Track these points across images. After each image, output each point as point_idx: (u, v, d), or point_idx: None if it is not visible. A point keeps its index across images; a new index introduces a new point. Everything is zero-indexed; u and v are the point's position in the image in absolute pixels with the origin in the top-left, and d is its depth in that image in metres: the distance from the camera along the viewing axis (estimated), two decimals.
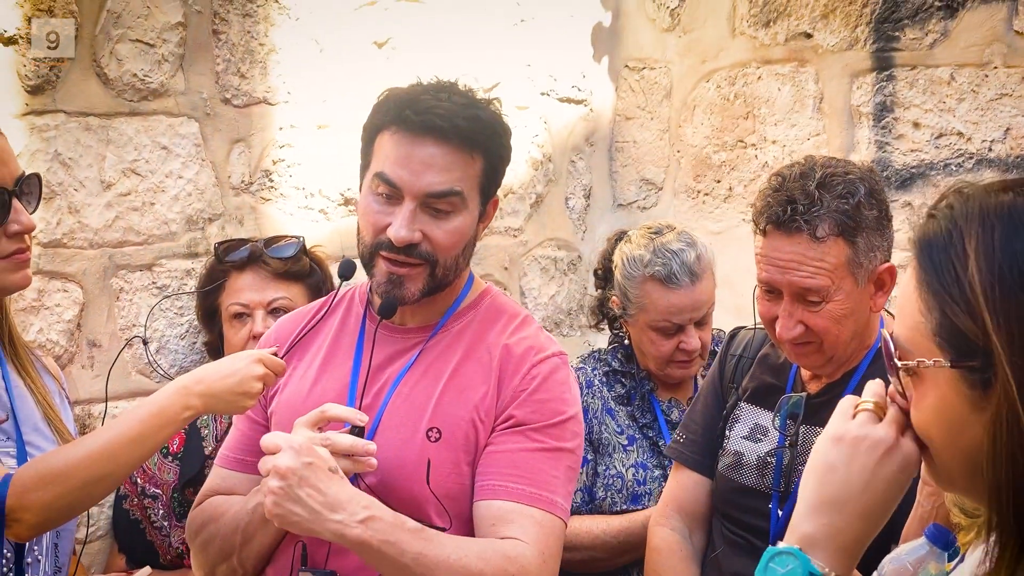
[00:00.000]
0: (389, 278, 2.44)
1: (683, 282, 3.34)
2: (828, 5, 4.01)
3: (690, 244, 3.39)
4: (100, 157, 3.46)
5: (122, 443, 2.36)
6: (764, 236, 2.65)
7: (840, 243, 2.57)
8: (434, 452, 2.41)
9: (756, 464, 2.78)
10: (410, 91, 2.48)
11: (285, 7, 3.81)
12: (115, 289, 3.53)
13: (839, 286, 2.58)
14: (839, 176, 2.60)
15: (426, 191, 2.39)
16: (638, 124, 4.74)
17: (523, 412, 2.43)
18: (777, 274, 2.61)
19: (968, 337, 1.31)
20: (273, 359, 2.46)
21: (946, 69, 3.73)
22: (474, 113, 2.44)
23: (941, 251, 1.35)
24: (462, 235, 2.47)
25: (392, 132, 2.42)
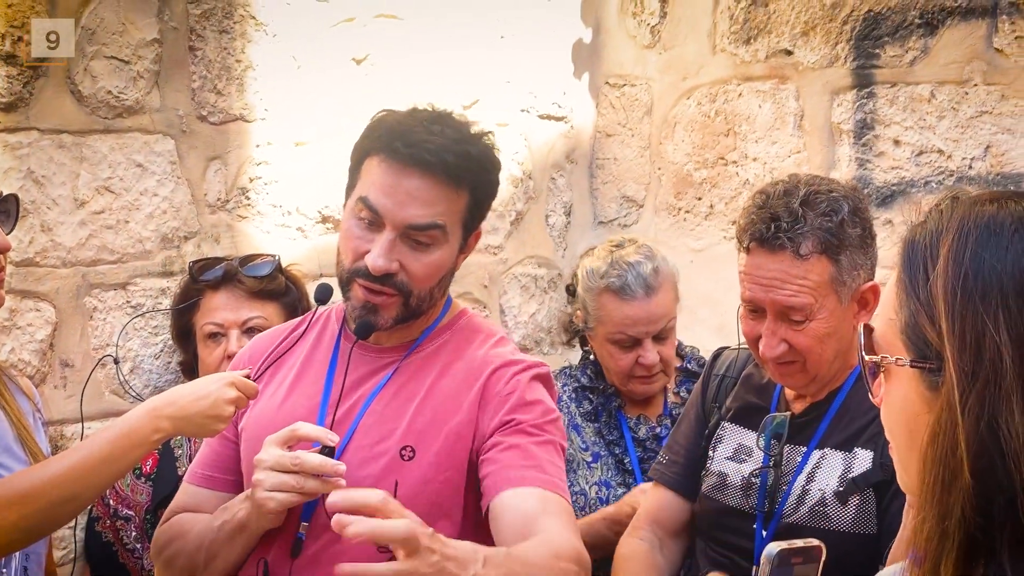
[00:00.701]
0: (364, 305, 2.44)
1: (637, 294, 3.34)
2: (808, 22, 4.00)
3: (648, 257, 3.38)
4: (74, 175, 3.42)
5: (90, 465, 2.34)
6: (747, 254, 2.63)
7: (823, 261, 2.55)
8: (405, 471, 2.39)
9: (740, 485, 2.76)
10: (404, 119, 2.46)
11: (262, 24, 3.78)
12: (88, 308, 3.49)
13: (822, 304, 2.57)
14: (823, 194, 2.58)
15: (407, 223, 2.38)
16: (619, 141, 4.72)
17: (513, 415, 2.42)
18: (760, 292, 2.60)
19: (927, 337, 1.32)
20: (246, 382, 2.44)
21: (926, 86, 3.72)
22: (464, 149, 2.42)
23: (920, 251, 1.36)
24: (440, 268, 2.46)
25: (381, 159, 2.41)
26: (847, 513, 2.56)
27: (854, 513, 2.56)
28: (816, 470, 2.64)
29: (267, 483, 2.30)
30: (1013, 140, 3.52)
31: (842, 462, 2.61)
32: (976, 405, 1.25)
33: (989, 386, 1.25)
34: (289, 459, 2.29)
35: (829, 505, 2.58)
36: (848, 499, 2.56)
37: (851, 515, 2.56)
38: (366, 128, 2.49)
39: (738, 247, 2.68)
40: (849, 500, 2.56)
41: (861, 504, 2.55)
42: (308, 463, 2.29)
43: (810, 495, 2.62)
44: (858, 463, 2.59)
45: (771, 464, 2.70)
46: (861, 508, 2.55)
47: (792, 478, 2.66)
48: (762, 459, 2.73)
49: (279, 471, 2.30)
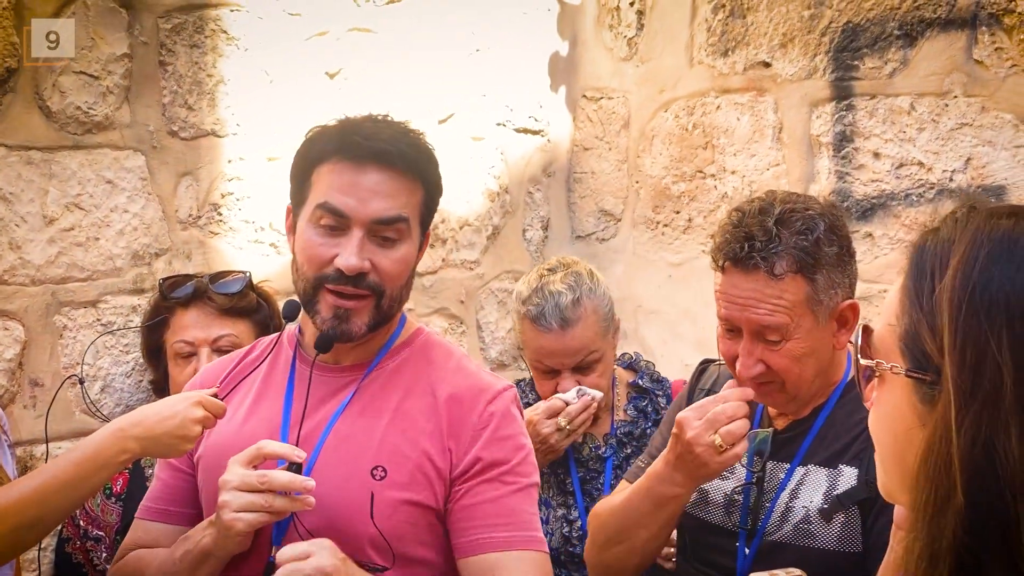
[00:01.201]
0: (335, 312, 2.38)
1: (552, 327, 3.27)
2: (787, 34, 3.98)
3: (572, 287, 3.30)
4: (43, 192, 3.37)
5: (55, 487, 2.30)
6: (723, 273, 2.60)
7: (799, 280, 2.51)
8: (378, 490, 2.34)
9: (722, 502, 2.73)
10: (346, 122, 2.45)
11: (234, 38, 3.74)
12: (58, 327, 3.44)
13: (798, 323, 2.53)
14: (798, 212, 2.55)
15: (374, 217, 2.35)
16: (596, 154, 4.69)
17: (489, 453, 2.39)
18: (736, 311, 2.57)
19: (926, 349, 1.29)
20: (213, 401, 2.40)
21: (906, 98, 3.70)
22: (414, 140, 2.43)
23: (929, 259, 1.33)
24: (407, 264, 2.43)
25: (334, 162, 2.37)
26: (832, 531, 2.53)
27: (839, 531, 2.52)
28: (800, 487, 2.60)
29: (234, 504, 2.25)
30: (994, 152, 3.49)
31: (826, 479, 2.57)
32: (972, 425, 1.22)
33: (987, 406, 1.22)
34: (256, 477, 2.24)
35: (813, 523, 2.54)
36: (833, 516, 2.52)
37: (836, 533, 2.52)
38: (303, 145, 2.46)
39: (713, 266, 2.64)
40: (834, 517, 2.52)
41: (846, 522, 2.52)
42: (276, 480, 2.24)
43: (794, 512, 2.58)
44: (843, 480, 2.55)
45: (754, 481, 2.66)
46: (846, 526, 2.51)
47: (775, 495, 2.62)
48: (744, 476, 2.69)
49: (245, 491, 2.25)
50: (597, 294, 3.34)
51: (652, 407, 3.47)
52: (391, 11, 4.14)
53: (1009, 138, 3.46)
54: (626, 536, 2.72)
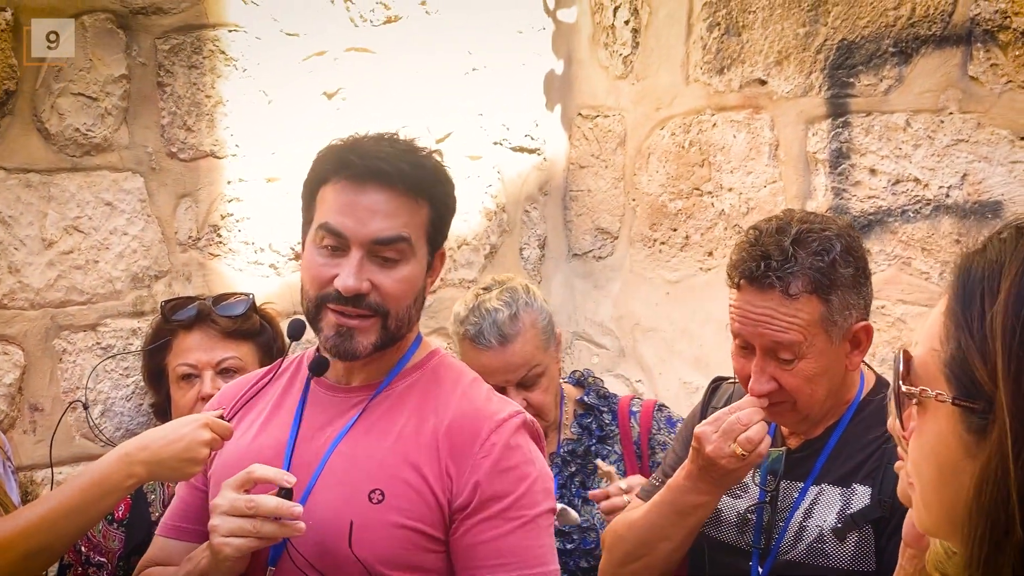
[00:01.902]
0: (338, 331, 2.36)
1: (491, 344, 3.26)
2: (782, 52, 3.99)
3: (508, 303, 3.29)
4: (41, 214, 3.37)
5: (62, 514, 2.29)
6: (738, 290, 2.60)
7: (813, 300, 2.52)
8: (373, 514, 2.32)
9: (736, 521, 2.72)
10: (350, 143, 2.43)
11: (232, 58, 3.74)
12: (58, 351, 3.42)
13: (811, 343, 2.53)
14: (815, 233, 2.56)
15: (372, 238, 2.33)
16: (592, 172, 4.70)
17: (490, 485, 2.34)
18: (749, 328, 2.57)
19: (976, 376, 1.23)
20: (220, 422, 2.38)
21: (901, 115, 3.71)
22: (418, 159, 2.40)
23: (977, 282, 1.27)
24: (411, 284, 2.40)
25: (335, 182, 2.36)
26: (845, 550, 2.52)
27: (852, 550, 2.52)
28: (813, 506, 2.60)
29: (222, 528, 2.24)
30: (990, 168, 3.50)
31: (840, 498, 2.57)
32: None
33: None
34: (244, 503, 2.23)
35: (827, 542, 2.54)
36: (846, 536, 2.52)
37: (850, 552, 2.52)
38: (313, 163, 2.45)
39: (728, 283, 2.64)
40: (847, 537, 2.52)
41: (860, 541, 2.52)
42: (264, 506, 2.23)
43: (807, 531, 2.58)
44: (856, 499, 2.55)
45: (767, 500, 2.66)
46: (860, 545, 2.51)
47: (789, 514, 2.62)
48: (758, 495, 2.69)
49: (234, 515, 2.23)
50: (534, 308, 3.34)
51: (596, 423, 3.47)
52: (388, 31, 4.15)
53: (1005, 154, 3.47)
54: (647, 550, 2.72)
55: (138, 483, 2.37)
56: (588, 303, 4.78)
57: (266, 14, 3.83)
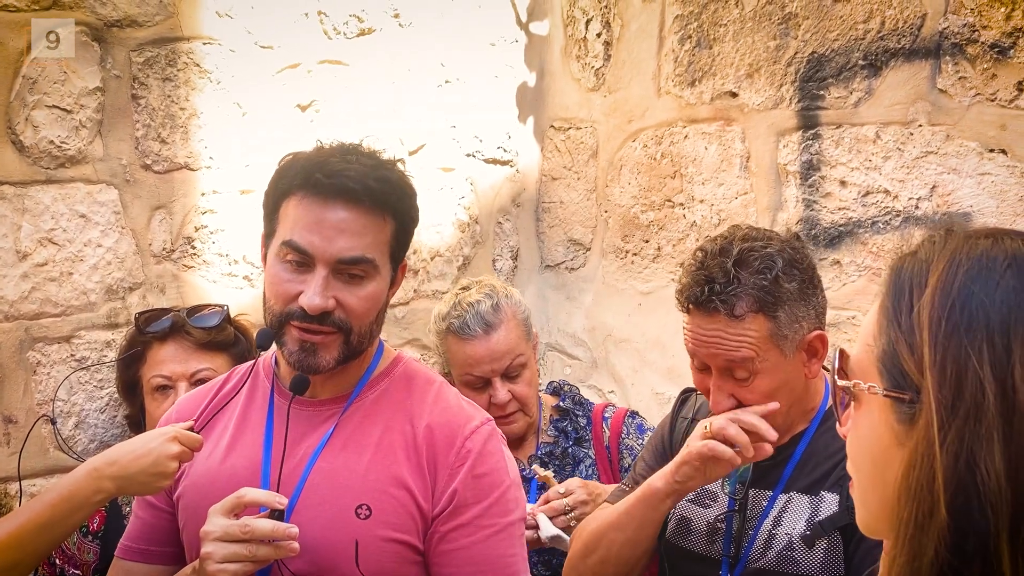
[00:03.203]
0: (302, 346, 2.34)
1: (476, 332, 3.32)
2: (753, 64, 4.02)
3: (489, 295, 3.37)
4: (15, 227, 3.36)
5: (30, 530, 2.29)
6: (687, 314, 2.66)
7: (760, 319, 2.56)
8: (364, 530, 2.32)
9: (705, 530, 2.75)
10: (315, 154, 2.39)
11: (206, 71, 3.75)
12: (32, 363, 3.42)
13: (764, 358, 2.57)
14: (756, 252, 2.59)
15: (338, 257, 2.31)
16: (565, 184, 4.72)
17: (465, 491, 2.35)
18: (702, 349, 2.63)
19: (904, 368, 1.29)
20: (189, 435, 2.37)
21: (871, 127, 3.74)
22: (384, 175, 2.37)
23: (907, 280, 1.34)
24: (375, 301, 2.39)
25: (300, 197, 2.32)
26: (815, 557, 2.55)
27: (822, 557, 2.54)
28: (782, 514, 2.63)
29: (217, 555, 2.21)
30: (959, 180, 3.54)
31: (808, 506, 2.60)
32: (955, 441, 1.22)
33: (969, 422, 1.22)
34: (238, 527, 2.21)
35: (796, 549, 2.57)
36: (815, 543, 2.55)
37: (819, 559, 2.55)
38: (275, 173, 2.41)
39: (678, 307, 2.69)
40: (816, 544, 2.55)
41: (829, 547, 2.54)
42: (259, 530, 2.21)
43: (777, 539, 2.61)
44: (824, 506, 2.58)
45: (736, 508, 2.69)
46: (829, 551, 2.54)
47: (758, 523, 2.65)
48: (727, 503, 2.71)
49: (228, 541, 2.21)
50: (513, 300, 3.42)
51: (572, 427, 3.52)
52: (361, 44, 4.16)
53: (974, 166, 3.51)
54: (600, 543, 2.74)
55: (107, 498, 2.36)
56: (561, 314, 4.80)
57: (240, 27, 3.84)
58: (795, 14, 3.89)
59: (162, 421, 2.62)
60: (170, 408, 2.72)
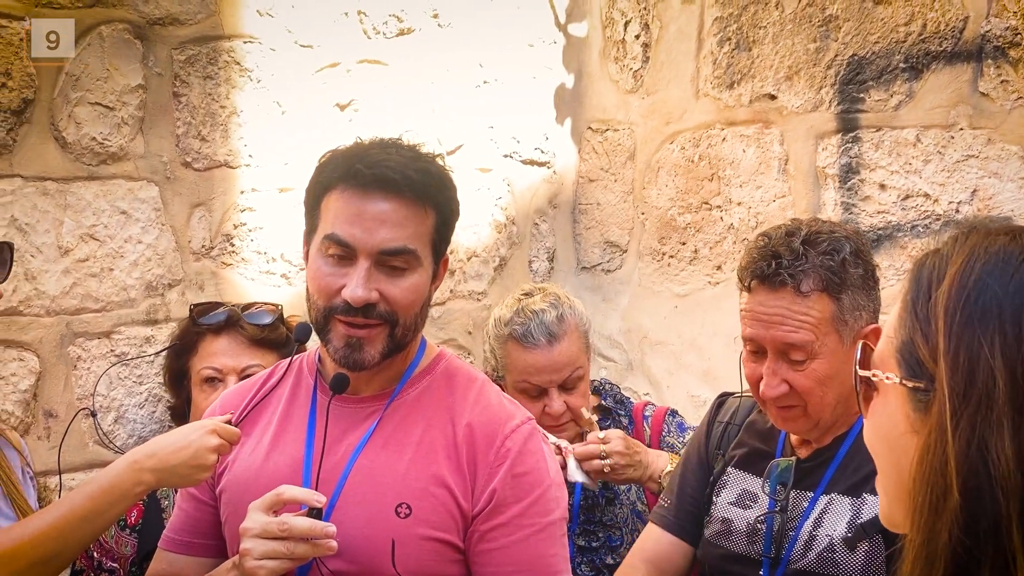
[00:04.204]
0: (347, 342, 2.34)
1: (539, 342, 3.29)
2: (792, 67, 4.01)
3: (553, 305, 3.34)
4: (58, 222, 3.39)
5: (72, 522, 2.30)
6: (749, 292, 2.63)
7: (824, 299, 2.54)
8: (403, 529, 2.32)
9: (746, 530, 2.74)
10: (355, 148, 2.40)
11: (247, 69, 3.77)
12: (72, 357, 3.44)
13: (823, 342, 2.55)
14: (825, 234, 2.59)
15: (380, 248, 2.31)
16: (602, 186, 4.72)
17: (505, 490, 2.35)
18: (761, 329, 2.59)
19: (920, 357, 1.33)
20: (227, 428, 2.38)
21: (912, 130, 3.73)
22: (424, 166, 2.37)
23: (927, 274, 1.37)
24: (418, 292, 2.38)
25: (341, 190, 2.33)
26: (856, 559, 2.53)
27: (863, 559, 2.53)
28: (823, 515, 2.61)
29: (255, 551, 2.22)
30: (1000, 184, 3.52)
31: (850, 508, 2.58)
32: (967, 427, 1.26)
33: (980, 408, 1.26)
34: (276, 525, 2.22)
35: (837, 551, 2.55)
36: (857, 545, 2.53)
37: (860, 561, 2.53)
38: (316, 169, 2.42)
39: (739, 286, 2.67)
40: (858, 546, 2.53)
41: (870, 550, 2.53)
42: (296, 528, 2.22)
43: (817, 541, 2.59)
44: (867, 509, 2.56)
45: (777, 509, 2.67)
46: (870, 554, 2.52)
47: (799, 523, 2.63)
48: (768, 504, 2.70)
49: (267, 538, 2.22)
50: (577, 312, 3.40)
51: (614, 426, 3.50)
52: (401, 43, 4.18)
53: (1015, 170, 3.50)
54: None
55: (147, 490, 2.37)
56: (597, 316, 4.80)
57: (281, 26, 3.86)
58: (835, 16, 3.88)
59: (206, 415, 2.63)
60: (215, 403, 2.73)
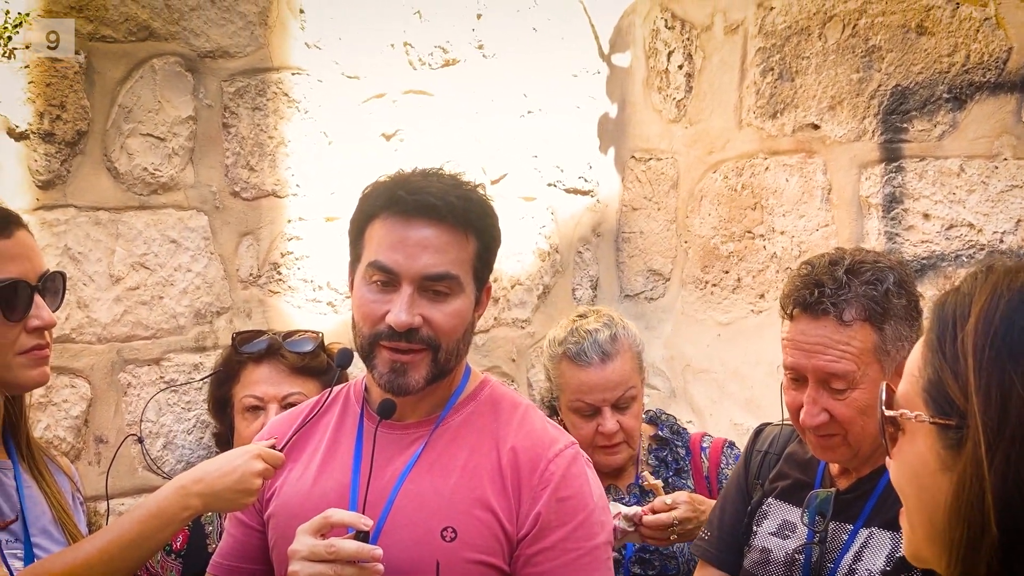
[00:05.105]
0: (392, 367, 2.37)
1: (593, 360, 3.32)
2: (835, 97, 4.03)
3: (607, 325, 3.37)
4: (109, 251, 3.45)
5: (120, 546, 2.33)
6: (791, 320, 2.62)
7: (867, 328, 2.54)
8: (449, 552, 2.33)
9: (784, 561, 2.73)
10: (397, 177, 2.44)
11: (295, 100, 3.82)
12: (123, 384, 3.50)
13: (865, 372, 2.54)
14: (868, 263, 2.59)
15: (423, 273, 2.34)
16: (645, 215, 4.74)
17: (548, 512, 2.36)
18: (802, 358, 2.58)
19: (949, 395, 1.33)
20: (272, 452, 2.41)
21: (955, 160, 3.74)
22: (465, 193, 2.41)
23: (950, 313, 1.38)
24: (462, 318, 2.41)
25: (383, 219, 2.37)
26: None
27: None
28: (864, 549, 2.60)
29: (303, 574, 2.24)
30: None
31: (890, 541, 2.57)
32: (1003, 462, 1.27)
33: (1016, 442, 1.27)
34: (324, 547, 2.23)
35: None
36: None
37: None
38: (359, 201, 2.46)
39: (781, 314, 2.66)
40: None
41: None
42: (344, 550, 2.23)
43: (857, 574, 2.58)
44: None
45: (816, 540, 2.67)
46: None
47: (838, 556, 2.62)
48: (807, 535, 2.70)
49: (314, 561, 2.24)
50: (630, 333, 3.42)
51: (672, 456, 3.51)
52: (446, 74, 4.23)
53: None
54: None
55: (194, 515, 2.40)
56: None
57: (328, 57, 3.91)
58: (879, 47, 3.90)
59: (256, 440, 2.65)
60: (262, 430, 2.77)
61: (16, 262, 2.37)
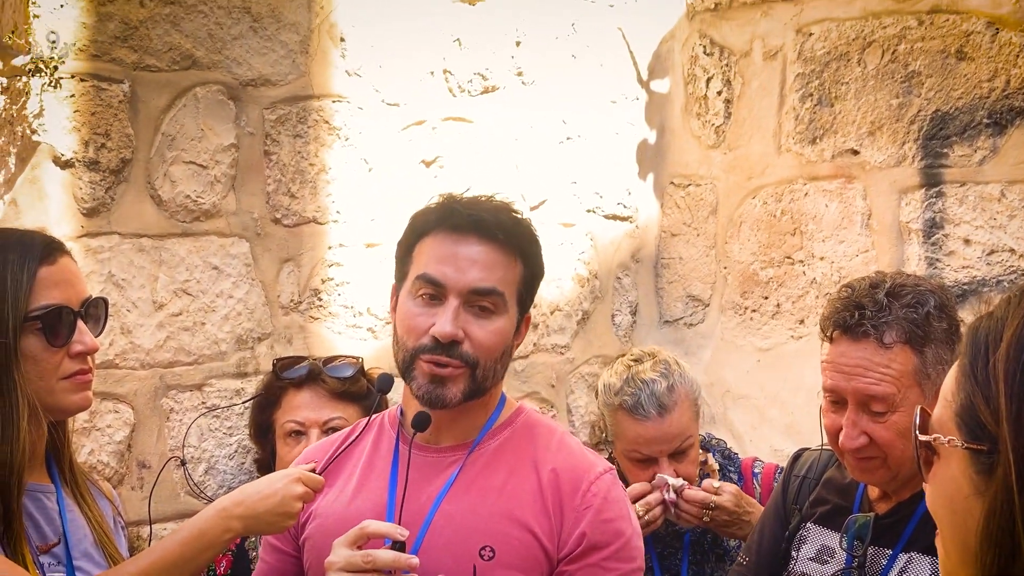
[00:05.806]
0: (431, 378, 2.41)
1: (651, 414, 3.28)
2: (875, 122, 4.02)
3: (664, 375, 3.32)
4: (152, 278, 3.48)
5: (161, 568, 2.35)
6: (831, 342, 2.62)
7: (907, 351, 2.53)
8: (487, 571, 2.35)
9: None
10: (448, 196, 2.51)
11: (335, 128, 3.86)
12: (165, 409, 3.53)
13: (905, 395, 2.53)
14: (909, 287, 2.59)
15: (470, 287, 2.39)
16: (684, 240, 4.74)
17: (592, 535, 2.39)
18: (842, 380, 2.57)
19: (981, 420, 1.33)
20: (312, 476, 2.43)
21: (996, 186, 3.73)
22: (514, 218, 2.48)
23: (983, 338, 1.37)
24: (502, 337, 2.45)
25: (435, 234, 2.43)
26: None
27: None
28: (903, 574, 2.59)
29: None
30: None
31: (930, 567, 2.55)
32: None
33: None
34: (360, 557, 2.26)
35: None
36: None
37: None
38: (409, 222, 2.52)
39: (821, 336, 2.66)
40: None
41: None
42: (380, 559, 2.26)
43: None
44: None
45: (854, 565, 2.66)
46: None
47: None
48: (845, 559, 2.68)
49: (351, 571, 2.27)
50: (687, 380, 3.38)
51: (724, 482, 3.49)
52: (485, 101, 4.25)
53: None
54: None
55: (235, 537, 2.44)
56: None
57: (368, 85, 3.94)
58: (918, 72, 3.89)
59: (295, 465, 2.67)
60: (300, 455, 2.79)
61: (59, 288, 2.41)
